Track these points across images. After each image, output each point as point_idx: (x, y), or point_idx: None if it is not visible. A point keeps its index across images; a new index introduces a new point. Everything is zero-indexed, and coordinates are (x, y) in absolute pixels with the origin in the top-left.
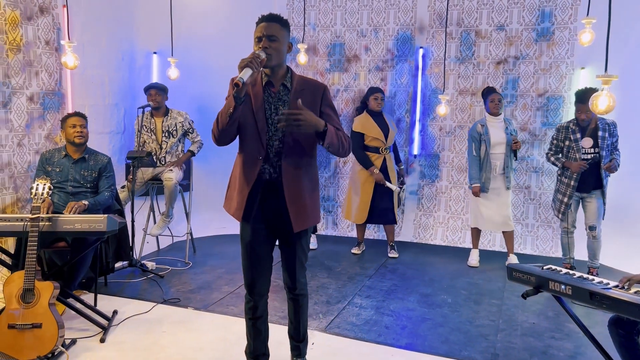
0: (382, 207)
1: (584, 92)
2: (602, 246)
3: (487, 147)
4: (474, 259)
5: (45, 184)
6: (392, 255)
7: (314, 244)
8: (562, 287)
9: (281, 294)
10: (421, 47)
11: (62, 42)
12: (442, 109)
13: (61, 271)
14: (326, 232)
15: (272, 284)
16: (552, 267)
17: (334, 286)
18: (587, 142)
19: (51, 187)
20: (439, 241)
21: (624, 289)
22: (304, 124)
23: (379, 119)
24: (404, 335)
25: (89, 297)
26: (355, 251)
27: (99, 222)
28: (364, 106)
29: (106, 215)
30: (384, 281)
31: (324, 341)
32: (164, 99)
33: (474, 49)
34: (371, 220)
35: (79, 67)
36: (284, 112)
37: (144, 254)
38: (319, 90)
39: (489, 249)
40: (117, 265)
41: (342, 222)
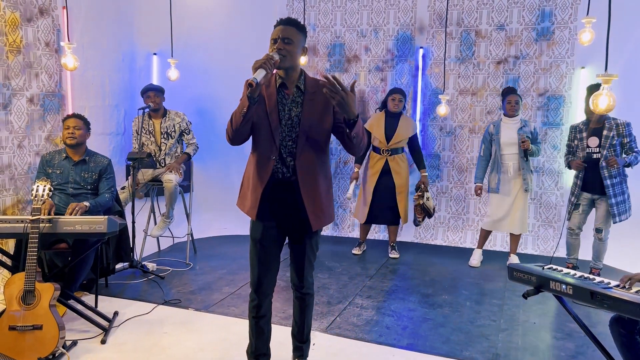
0: (382, 206)
1: (597, 86)
2: (607, 249)
3: (497, 148)
4: (475, 259)
5: (45, 186)
6: (393, 255)
7: None
8: (563, 286)
9: (283, 295)
10: (421, 47)
11: (62, 43)
12: (442, 109)
13: (62, 272)
14: (327, 232)
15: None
16: (553, 267)
17: (335, 287)
18: (593, 142)
19: (51, 188)
20: (439, 241)
21: (625, 288)
22: (342, 101)
23: (392, 120)
24: (405, 335)
25: (89, 299)
26: (355, 251)
27: (99, 223)
28: (383, 106)
29: (106, 216)
30: (385, 281)
31: (325, 342)
32: (161, 100)
33: (474, 48)
34: (371, 219)
35: (79, 68)
36: (334, 77)
37: (145, 255)
38: None
39: (490, 248)
40: (117, 266)
41: (343, 223)
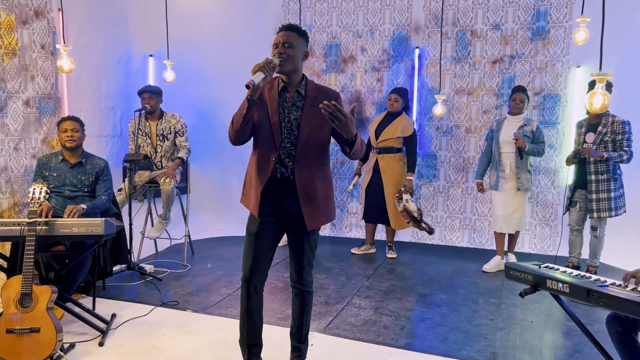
0: (373, 205)
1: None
2: (604, 247)
3: (496, 145)
4: (490, 265)
5: (42, 188)
6: (390, 255)
7: None
8: (560, 285)
9: (280, 295)
10: (417, 47)
11: (57, 45)
12: (438, 109)
13: (59, 275)
14: (325, 232)
15: (271, 285)
16: (550, 265)
17: (333, 287)
18: (590, 137)
19: (48, 191)
20: (437, 241)
21: (624, 287)
22: (341, 124)
23: (389, 119)
24: (403, 335)
25: (87, 301)
26: (354, 251)
27: (96, 225)
28: (386, 107)
29: (103, 218)
30: (383, 281)
31: (323, 342)
32: (157, 102)
33: (469, 48)
34: (367, 218)
35: (75, 70)
36: (334, 104)
37: (142, 257)
38: (332, 97)
39: (487, 248)
40: (115, 268)
41: (341, 223)
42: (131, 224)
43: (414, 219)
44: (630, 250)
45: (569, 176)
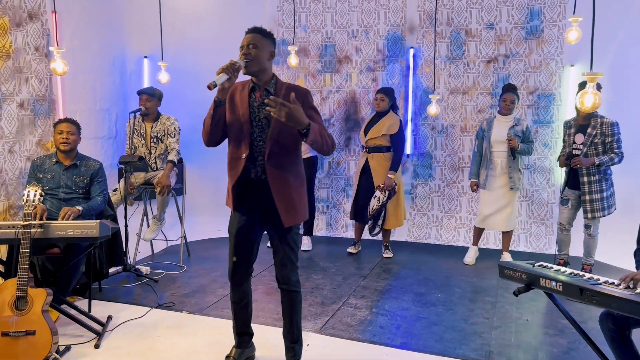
0: (364, 204)
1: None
2: (598, 245)
3: (488, 145)
4: (470, 257)
5: (36, 191)
6: (386, 255)
7: (308, 246)
8: (553, 283)
9: (276, 296)
10: (412, 47)
11: (50, 48)
12: (432, 109)
13: (54, 277)
14: (321, 233)
15: (267, 286)
16: (544, 264)
17: (329, 287)
18: (579, 138)
19: (42, 193)
20: (433, 240)
21: (629, 288)
22: (289, 116)
23: (377, 118)
24: (399, 334)
25: (83, 303)
26: (350, 250)
27: (91, 227)
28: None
29: (98, 220)
30: (379, 281)
31: (319, 342)
32: (154, 104)
33: (464, 48)
34: (359, 217)
35: (69, 72)
36: (273, 98)
37: (138, 259)
38: (301, 94)
39: (483, 246)
40: (111, 270)
41: (337, 223)
42: (127, 226)
43: (373, 217)
44: (625, 247)
45: (562, 175)
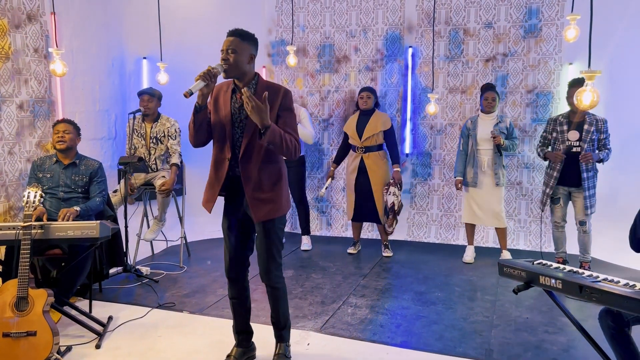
0: (364, 204)
1: (575, 79)
2: (592, 240)
3: (474, 143)
4: (469, 256)
5: (36, 192)
6: (386, 254)
7: (308, 245)
8: (553, 281)
9: None
10: (410, 47)
11: (50, 49)
12: (431, 108)
13: (55, 278)
14: (320, 232)
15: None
16: (543, 262)
17: (329, 286)
18: (573, 135)
19: (43, 194)
20: (432, 239)
21: (619, 282)
22: (253, 112)
23: (364, 117)
24: (399, 333)
25: (83, 304)
26: (350, 251)
27: (91, 228)
28: (357, 106)
29: (98, 221)
30: (379, 280)
31: (319, 341)
32: (155, 105)
33: (462, 47)
34: (358, 217)
35: (68, 73)
36: (244, 90)
37: (139, 259)
38: (279, 94)
39: (482, 245)
40: (111, 271)
41: (336, 223)
42: (127, 227)
43: (394, 212)
44: (622, 244)
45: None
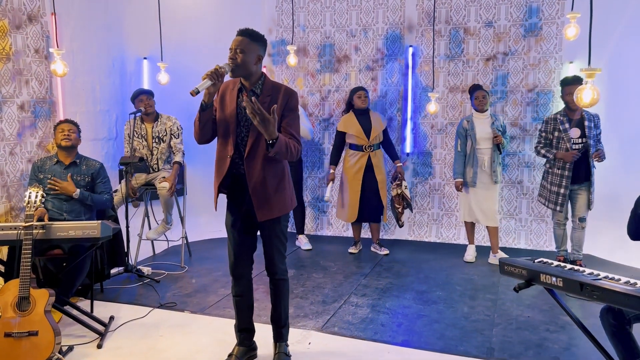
0: (369, 204)
1: (570, 77)
2: (593, 239)
3: (473, 143)
4: (470, 255)
5: (38, 192)
6: (382, 252)
7: (307, 244)
8: (553, 279)
9: None
10: (411, 46)
11: (50, 49)
12: (432, 107)
13: (57, 278)
14: (321, 232)
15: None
16: (544, 260)
17: (330, 286)
18: (575, 132)
19: (44, 195)
20: (433, 238)
21: (620, 280)
22: (260, 124)
23: (363, 117)
24: (400, 332)
25: (85, 304)
26: (352, 250)
27: (92, 228)
28: (349, 107)
29: (99, 221)
30: (380, 279)
31: (321, 340)
32: (154, 103)
33: (463, 46)
34: (361, 218)
35: (69, 74)
36: (254, 101)
37: (140, 259)
38: (285, 95)
39: (483, 244)
40: (112, 271)
41: (337, 222)
42: (128, 227)
43: (409, 205)
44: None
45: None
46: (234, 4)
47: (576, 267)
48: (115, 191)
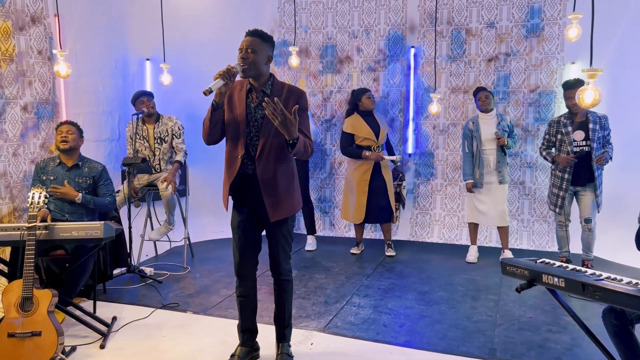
0: (378, 205)
1: (572, 80)
2: (596, 239)
3: (479, 144)
4: (472, 255)
5: (41, 193)
6: (389, 253)
7: (312, 246)
8: (555, 279)
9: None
10: (412, 47)
11: (54, 51)
12: (433, 108)
13: (60, 279)
14: (324, 233)
15: (270, 286)
16: (546, 261)
17: (332, 286)
18: (579, 135)
19: (47, 195)
20: (435, 239)
21: (622, 280)
22: (283, 125)
23: (369, 118)
24: (402, 332)
25: (88, 304)
26: (354, 251)
27: (95, 229)
28: (354, 108)
29: (102, 222)
30: (382, 280)
31: (323, 341)
32: (155, 105)
33: (464, 47)
34: (368, 219)
35: (72, 75)
36: (277, 101)
37: (142, 260)
38: (296, 95)
39: (486, 244)
40: (115, 271)
41: (340, 223)
42: (130, 227)
43: (402, 203)
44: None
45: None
46: (237, 5)
47: (578, 268)
48: (117, 192)
